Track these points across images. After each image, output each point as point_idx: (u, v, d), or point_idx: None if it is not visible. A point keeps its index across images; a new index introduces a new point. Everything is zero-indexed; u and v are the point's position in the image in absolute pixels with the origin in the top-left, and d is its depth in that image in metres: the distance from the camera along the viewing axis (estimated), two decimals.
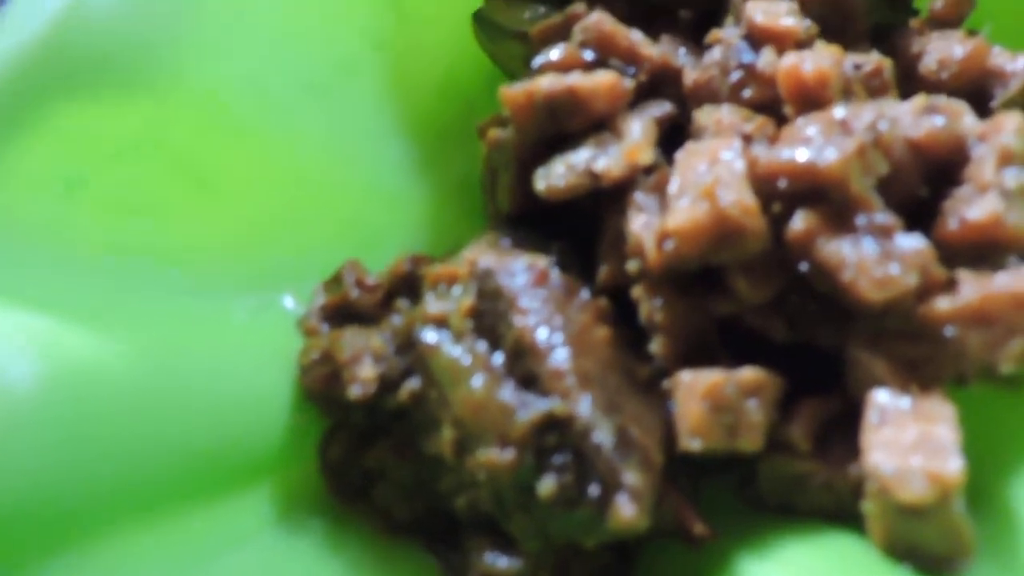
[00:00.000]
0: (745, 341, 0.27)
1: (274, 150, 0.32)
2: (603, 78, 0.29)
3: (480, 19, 0.39)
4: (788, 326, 0.26)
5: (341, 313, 0.29)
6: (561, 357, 0.24)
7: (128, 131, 0.27)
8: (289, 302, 0.30)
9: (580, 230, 0.30)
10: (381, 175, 0.36)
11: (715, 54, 0.31)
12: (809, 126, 0.26)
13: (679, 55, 0.33)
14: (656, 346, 0.26)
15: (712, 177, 0.25)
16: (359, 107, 0.36)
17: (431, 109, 0.39)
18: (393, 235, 0.35)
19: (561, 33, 0.34)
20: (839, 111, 0.26)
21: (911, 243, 0.24)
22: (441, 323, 0.25)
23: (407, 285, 0.29)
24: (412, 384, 0.26)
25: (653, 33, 0.35)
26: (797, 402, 0.26)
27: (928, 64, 0.32)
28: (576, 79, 0.29)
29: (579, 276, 0.29)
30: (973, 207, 0.25)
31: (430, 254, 0.35)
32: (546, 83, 0.29)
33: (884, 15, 0.36)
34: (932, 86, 0.32)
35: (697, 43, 0.33)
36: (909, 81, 0.33)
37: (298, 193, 0.32)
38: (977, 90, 0.32)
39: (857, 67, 0.31)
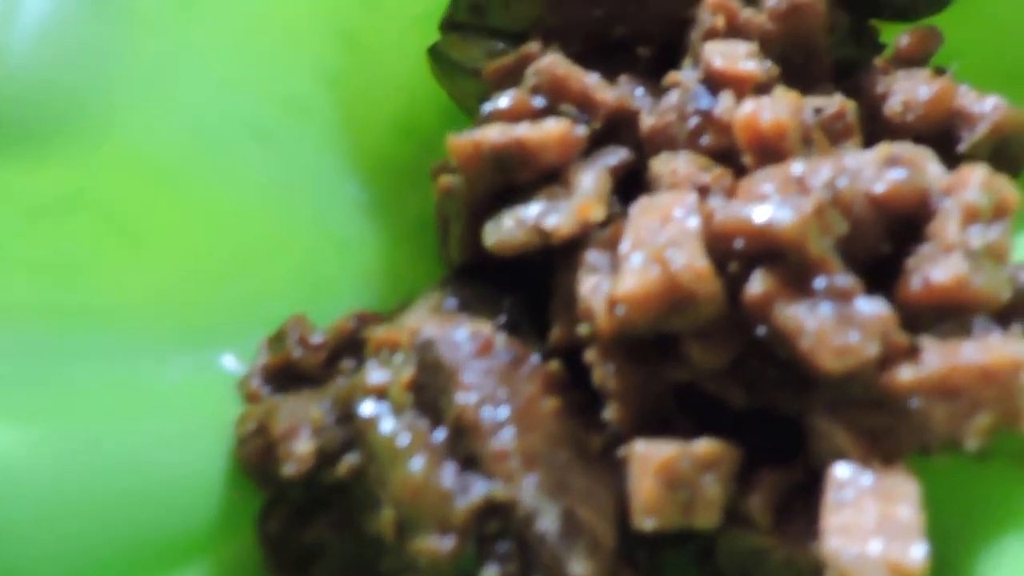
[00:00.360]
0: (704, 406, 0.26)
1: (215, 199, 0.30)
2: (553, 128, 0.28)
3: (436, 55, 0.37)
4: (747, 392, 0.25)
5: (283, 374, 0.28)
6: (505, 437, 0.22)
7: (51, 187, 0.26)
8: (230, 361, 0.29)
9: (536, 281, 0.29)
10: (332, 220, 0.34)
11: (672, 98, 0.30)
12: (766, 182, 0.25)
13: (637, 97, 0.32)
14: (610, 413, 0.25)
15: (664, 238, 0.24)
16: (309, 149, 0.35)
17: (386, 148, 0.37)
18: (345, 282, 0.34)
19: (514, 73, 0.33)
20: (797, 167, 0.25)
21: (872, 308, 0.23)
22: (381, 395, 0.24)
23: (352, 344, 0.28)
24: (351, 459, 0.24)
25: (612, 71, 0.34)
26: (757, 472, 0.25)
27: (893, 106, 0.31)
28: (524, 130, 0.27)
29: (532, 335, 0.28)
30: (937, 268, 0.24)
31: (386, 300, 0.34)
32: (493, 134, 0.28)
33: (850, 51, 0.35)
34: (897, 128, 0.31)
35: (657, 82, 0.32)
36: (874, 122, 0.32)
37: (242, 243, 0.31)
38: (944, 132, 0.31)
39: (819, 111, 0.30)
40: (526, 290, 0.29)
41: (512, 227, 0.27)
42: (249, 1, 0.33)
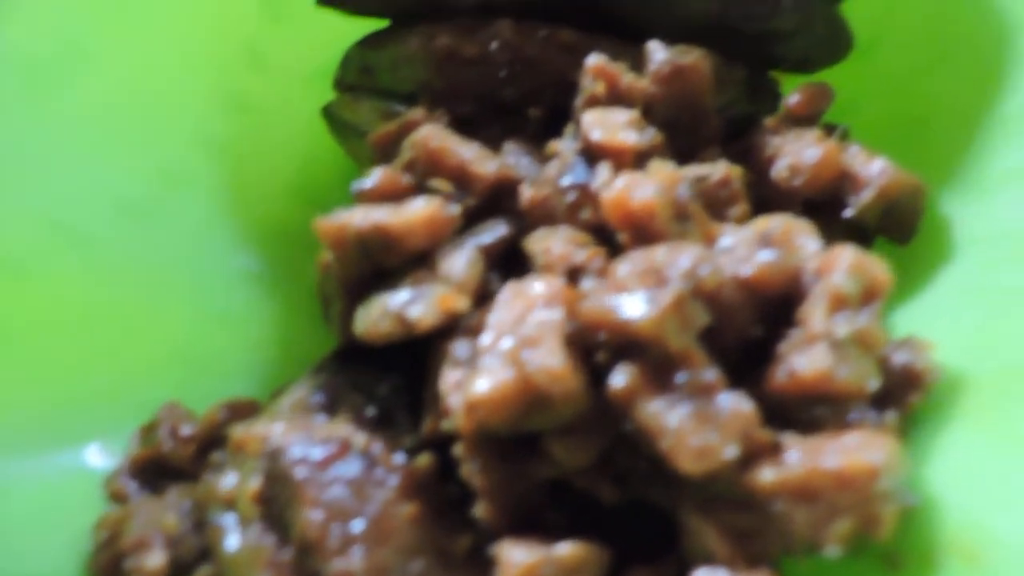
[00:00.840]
0: (580, 499, 0.25)
1: (74, 287, 0.29)
2: (418, 211, 0.27)
3: (329, 115, 0.36)
4: (618, 487, 0.24)
5: (153, 468, 0.27)
6: (353, 557, 0.21)
7: None
8: (95, 455, 0.28)
9: (419, 361, 0.28)
10: (215, 293, 0.33)
11: (551, 169, 0.29)
12: (629, 270, 0.24)
13: (521, 165, 0.31)
14: (479, 511, 0.24)
15: (523, 333, 0.23)
16: (190, 221, 0.33)
17: (281, 214, 0.36)
18: (231, 357, 0.33)
19: (397, 141, 0.32)
20: (660, 254, 0.24)
21: (733, 405, 0.22)
22: (231, 504, 0.23)
23: (222, 438, 0.27)
24: (204, 571, 0.23)
25: (501, 134, 0.33)
26: (628, 570, 0.24)
27: (780, 170, 0.30)
28: (387, 215, 0.27)
29: (407, 424, 0.27)
30: (802, 358, 0.23)
31: (282, 371, 0.33)
32: (358, 218, 0.27)
33: (744, 107, 0.34)
34: (785, 193, 0.30)
35: (540, 151, 0.31)
36: (763, 186, 0.31)
37: (108, 328, 0.30)
38: (832, 196, 0.30)
39: (702, 179, 0.29)
40: (409, 370, 0.28)
41: (378, 316, 0.26)
42: (118, 71, 0.32)
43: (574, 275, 0.26)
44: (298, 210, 0.36)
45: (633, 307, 0.23)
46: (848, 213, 0.29)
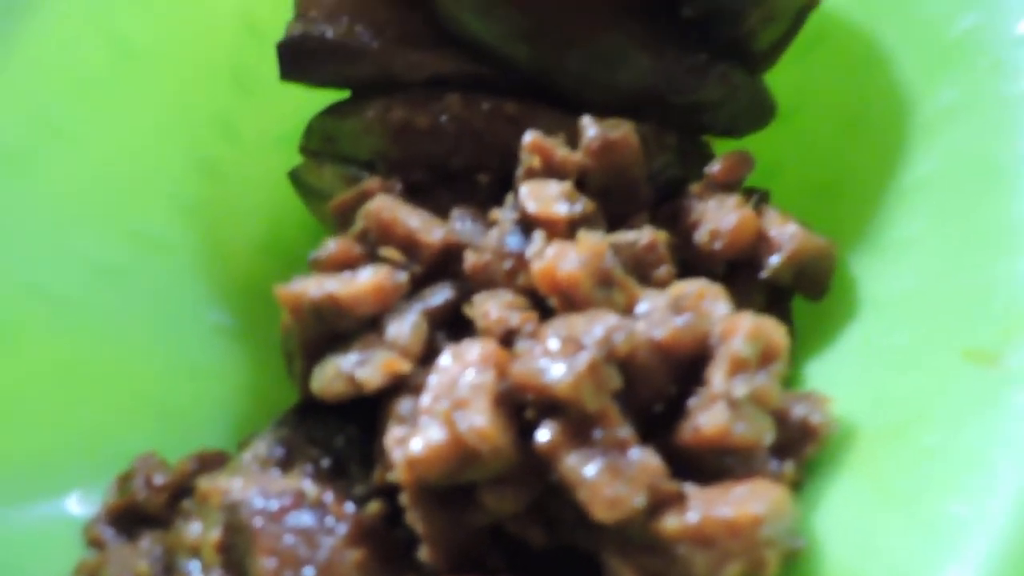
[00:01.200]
0: (516, 544, 0.28)
1: (49, 347, 0.32)
2: (367, 281, 0.30)
3: (295, 179, 0.39)
4: (547, 532, 0.27)
5: (128, 516, 0.30)
6: None
7: None
8: (74, 504, 0.30)
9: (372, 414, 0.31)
10: (188, 348, 0.36)
11: (492, 236, 0.32)
12: (552, 337, 0.27)
13: (468, 230, 0.34)
14: (423, 555, 0.27)
15: (457, 394, 0.26)
16: (162, 280, 0.36)
17: (252, 270, 0.39)
18: (203, 409, 0.36)
19: (354, 208, 0.35)
20: (579, 323, 0.27)
21: (642, 459, 0.25)
22: (195, 552, 0.26)
23: (192, 487, 0.30)
24: None
25: (451, 198, 0.36)
26: None
27: (702, 235, 0.33)
28: (338, 285, 0.29)
29: (361, 473, 0.29)
30: (704, 416, 0.26)
31: (252, 421, 0.36)
32: (312, 288, 0.30)
33: (676, 170, 0.37)
34: (707, 256, 0.33)
35: (485, 217, 0.34)
36: (688, 248, 0.34)
37: (83, 384, 0.32)
38: (751, 257, 0.33)
39: (630, 244, 0.32)
40: (364, 422, 0.31)
41: (332, 376, 0.29)
42: (93, 146, 0.34)
43: (509, 337, 0.29)
44: (267, 267, 0.39)
45: (554, 371, 0.26)
46: (763, 274, 0.32)
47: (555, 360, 0.26)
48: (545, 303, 0.30)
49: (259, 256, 0.39)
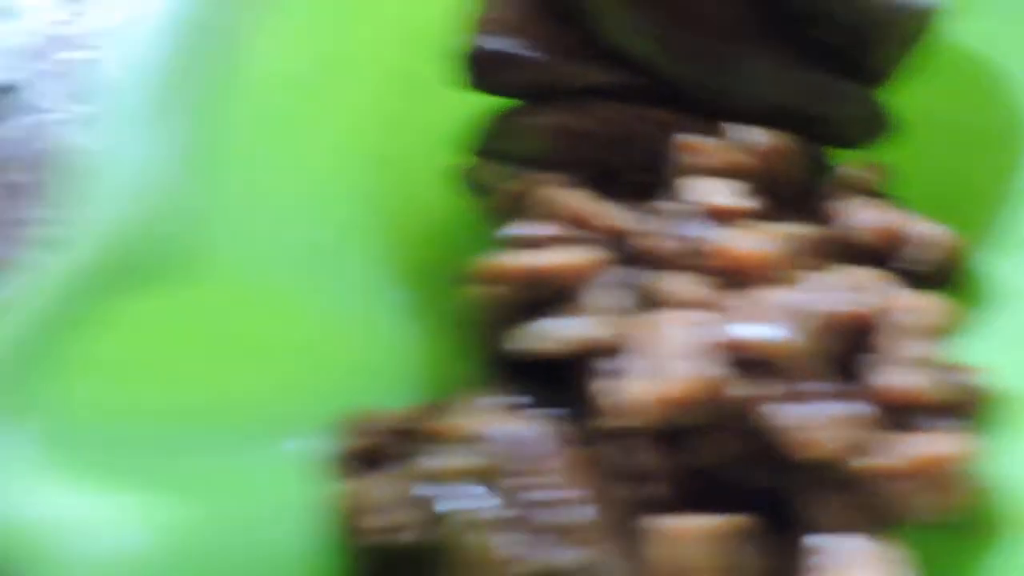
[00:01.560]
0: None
1: (288, 311, 0.36)
2: (573, 257, 0.34)
3: (463, 175, 0.43)
4: (755, 475, 0.31)
5: (365, 457, 0.34)
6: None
7: (171, 316, 0.31)
8: (297, 447, 0.34)
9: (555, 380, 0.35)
10: (379, 323, 0.40)
11: (663, 225, 0.36)
12: (760, 304, 0.31)
13: (633, 219, 0.38)
14: (655, 490, 0.31)
15: (671, 350, 0.30)
16: (356, 262, 0.40)
17: (423, 256, 0.43)
18: (396, 378, 0.39)
19: (521, 200, 0.39)
20: (773, 296, 0.31)
21: (844, 408, 0.30)
22: (457, 479, 0.30)
23: (412, 433, 0.34)
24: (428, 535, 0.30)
25: (607, 196, 0.40)
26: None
27: (847, 230, 0.37)
28: (545, 258, 0.34)
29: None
30: (896, 375, 0.30)
31: (430, 394, 0.40)
32: (512, 260, 0.34)
33: (805, 177, 0.42)
34: (853, 249, 0.38)
35: (650, 205, 0.38)
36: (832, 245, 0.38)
37: (309, 348, 0.36)
38: (891, 250, 0.38)
39: (800, 236, 0.36)
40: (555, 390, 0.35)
41: (538, 335, 0.33)
42: (304, 138, 0.39)
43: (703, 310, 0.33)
44: (437, 255, 0.43)
45: (769, 331, 0.30)
46: (904, 265, 0.37)
47: (766, 323, 0.30)
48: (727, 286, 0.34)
49: (427, 245, 0.43)
